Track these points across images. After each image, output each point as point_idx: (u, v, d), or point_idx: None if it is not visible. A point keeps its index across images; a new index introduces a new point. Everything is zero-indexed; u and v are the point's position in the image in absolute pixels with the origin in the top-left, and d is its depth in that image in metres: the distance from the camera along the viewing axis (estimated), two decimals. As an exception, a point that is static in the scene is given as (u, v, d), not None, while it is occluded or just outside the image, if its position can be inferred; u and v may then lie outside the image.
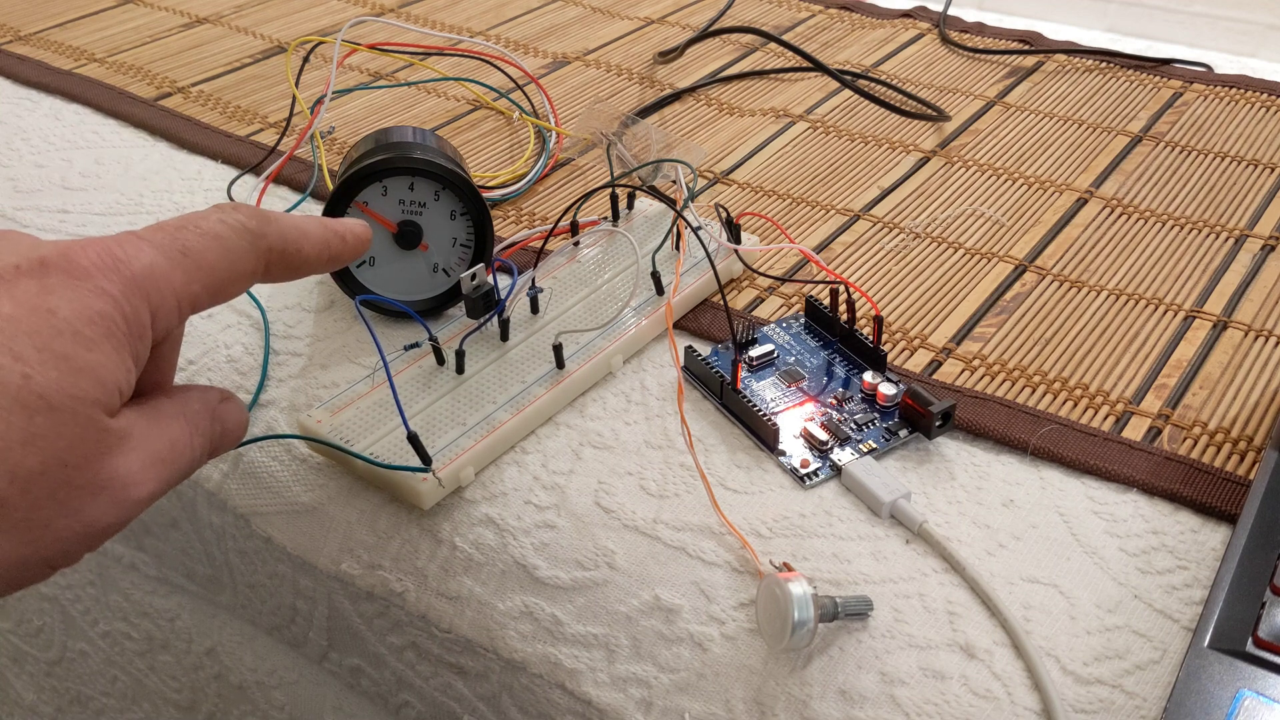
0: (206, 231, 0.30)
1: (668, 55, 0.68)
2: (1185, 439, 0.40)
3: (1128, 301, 0.47)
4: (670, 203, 0.46)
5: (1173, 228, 0.52)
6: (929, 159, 0.57)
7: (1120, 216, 0.53)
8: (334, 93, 0.63)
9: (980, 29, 0.72)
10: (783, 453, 0.39)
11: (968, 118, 0.61)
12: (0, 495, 0.26)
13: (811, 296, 0.45)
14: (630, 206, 0.51)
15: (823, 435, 0.39)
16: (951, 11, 0.73)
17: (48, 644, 0.60)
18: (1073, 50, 0.68)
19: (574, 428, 0.41)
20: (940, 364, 0.44)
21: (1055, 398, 0.42)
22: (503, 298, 0.43)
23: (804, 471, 0.38)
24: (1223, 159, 0.57)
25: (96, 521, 0.27)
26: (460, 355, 0.41)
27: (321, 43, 0.68)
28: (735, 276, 0.49)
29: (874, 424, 0.40)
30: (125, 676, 0.56)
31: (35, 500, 0.26)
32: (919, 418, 0.39)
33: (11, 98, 0.64)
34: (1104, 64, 0.67)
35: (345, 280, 0.45)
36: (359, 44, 0.63)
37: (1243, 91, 0.63)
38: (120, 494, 0.28)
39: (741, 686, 0.33)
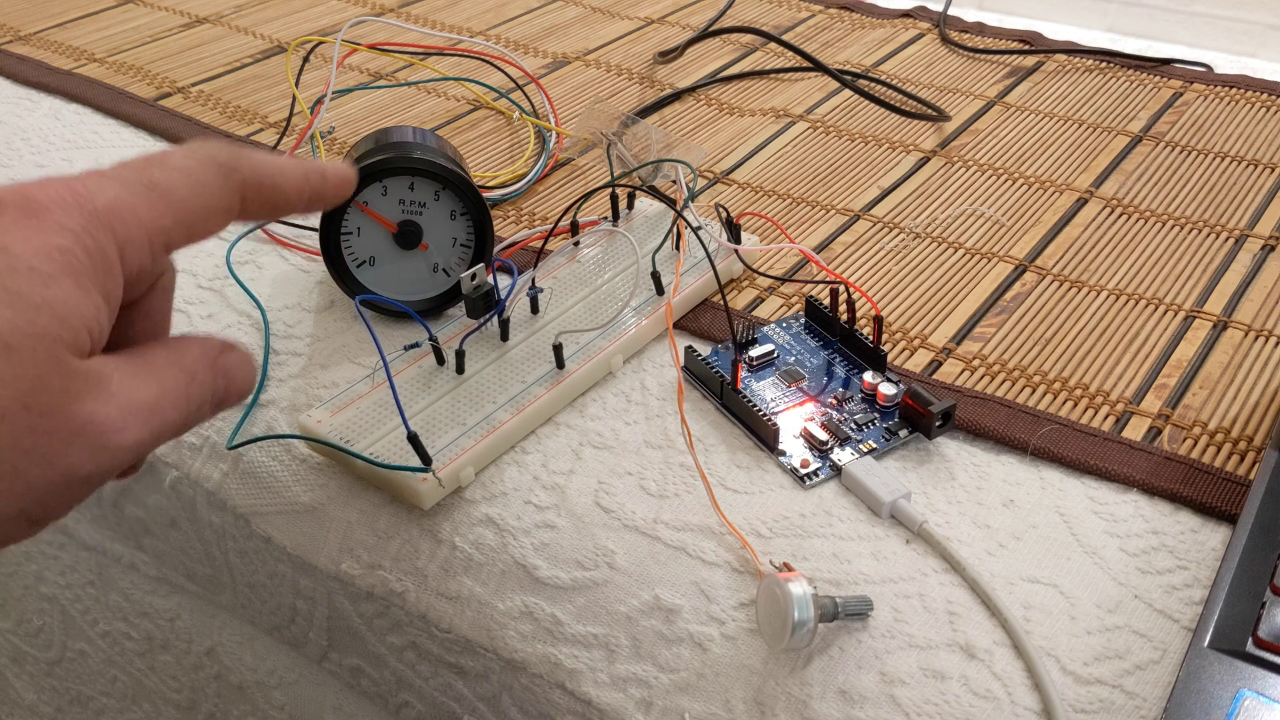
0: (174, 166, 0.29)
1: (668, 55, 0.68)
2: (1185, 439, 0.40)
3: (1128, 301, 0.47)
4: (670, 203, 0.46)
5: (1173, 228, 0.52)
6: (929, 159, 0.57)
7: (1120, 216, 0.53)
8: (334, 93, 0.63)
9: (980, 29, 0.72)
10: (783, 453, 0.39)
11: (968, 118, 0.61)
12: None
13: (811, 296, 0.45)
14: (630, 206, 0.51)
15: (823, 435, 0.39)
16: (951, 11, 0.73)
17: (48, 644, 0.60)
18: (1073, 50, 0.68)
19: (574, 428, 0.41)
20: (940, 364, 0.44)
21: (1055, 398, 0.42)
22: (503, 298, 0.43)
23: (804, 471, 0.38)
24: (1223, 159, 0.57)
25: (74, 469, 0.26)
26: (460, 355, 0.41)
27: (321, 43, 0.68)
28: (735, 276, 0.49)
29: (874, 424, 0.40)
30: (125, 676, 0.56)
31: (4, 444, 0.25)
32: (919, 418, 0.39)
33: (11, 98, 0.64)
34: (1104, 64, 0.67)
35: (345, 280, 0.45)
36: (359, 44, 0.63)
37: (1243, 91, 0.63)
38: (97, 439, 0.26)
39: (741, 686, 0.33)
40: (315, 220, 0.48)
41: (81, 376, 0.26)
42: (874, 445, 0.39)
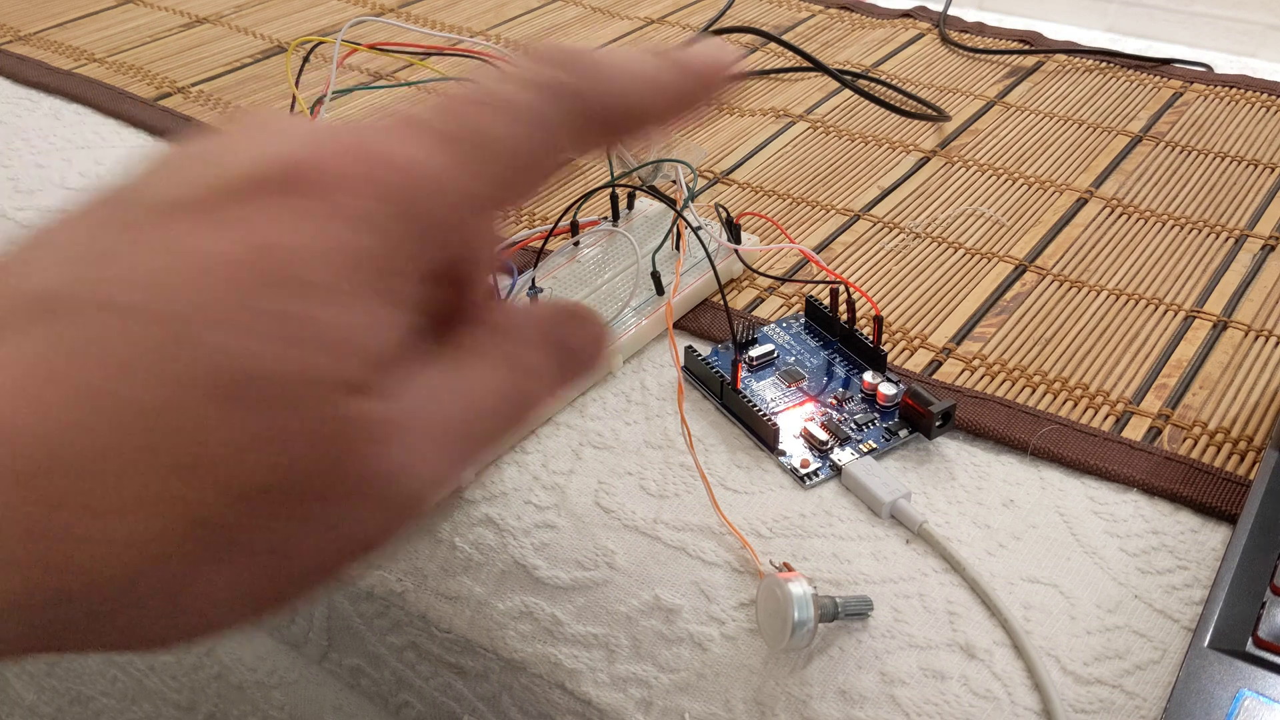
0: (502, 102, 0.21)
1: (668, 55, 0.68)
2: (1185, 439, 0.40)
3: (1128, 301, 0.47)
4: (670, 203, 0.46)
5: (1173, 228, 0.52)
6: (929, 159, 0.57)
7: (1120, 216, 0.53)
8: (334, 93, 0.63)
9: (980, 29, 0.72)
10: (783, 453, 0.39)
11: (968, 118, 0.61)
12: (216, 518, 0.18)
13: (811, 296, 0.45)
14: (630, 206, 0.51)
15: (823, 435, 0.39)
16: (951, 11, 0.73)
17: (48, 644, 0.60)
18: (1073, 50, 0.68)
19: (574, 428, 0.41)
20: (940, 364, 0.44)
21: (1055, 398, 0.42)
22: (503, 298, 0.43)
23: (804, 471, 0.38)
24: (1223, 159, 0.57)
25: (357, 533, 0.20)
26: (460, 355, 0.41)
27: (321, 43, 0.68)
28: (735, 276, 0.49)
29: (874, 424, 0.40)
30: (125, 676, 0.56)
31: (265, 520, 0.19)
32: (919, 418, 0.39)
33: (11, 98, 0.64)
34: (1104, 64, 0.67)
35: (345, 280, 0.45)
36: (359, 44, 0.63)
37: (1243, 91, 0.63)
38: (397, 493, 0.20)
39: (741, 686, 0.33)
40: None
41: (364, 423, 0.19)
42: (874, 445, 0.39)
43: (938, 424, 0.39)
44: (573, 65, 0.22)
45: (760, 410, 0.40)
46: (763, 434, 0.40)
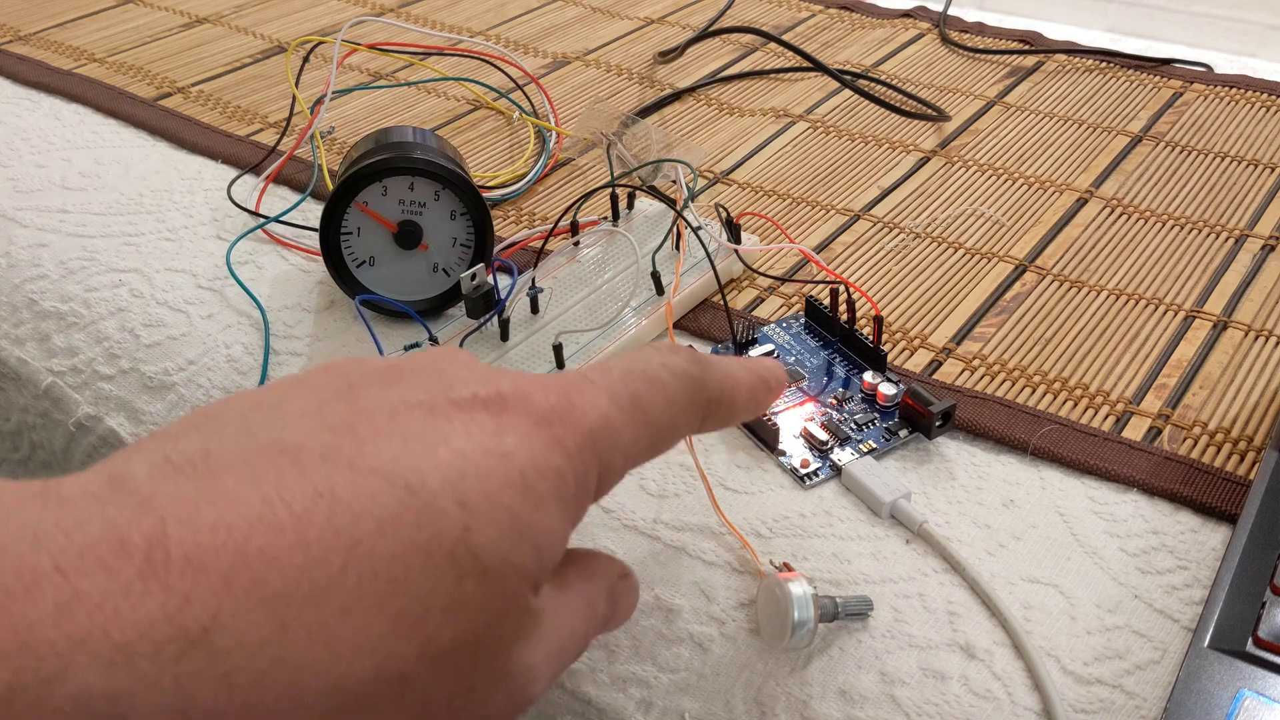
0: (653, 378, 0.27)
1: (668, 55, 0.68)
2: (1185, 439, 0.40)
3: (1128, 301, 0.47)
4: (670, 203, 0.46)
5: (1173, 228, 0.52)
6: (929, 159, 0.57)
7: (1120, 216, 0.53)
8: (334, 93, 0.63)
9: (980, 29, 0.72)
10: (783, 453, 0.39)
11: (968, 118, 0.61)
12: (405, 669, 0.21)
13: (811, 296, 0.45)
14: (630, 206, 0.51)
15: (823, 435, 0.39)
16: (951, 11, 0.73)
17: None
18: (1073, 50, 0.68)
19: (574, 428, 0.41)
20: (940, 364, 0.44)
21: (1055, 398, 0.42)
22: (503, 298, 0.43)
23: (804, 471, 0.38)
24: (1223, 159, 0.57)
25: (486, 713, 0.23)
26: (460, 355, 0.41)
27: (321, 43, 0.68)
28: (735, 276, 0.49)
29: (874, 424, 0.40)
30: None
31: (439, 681, 0.22)
32: (919, 418, 0.39)
33: (11, 98, 0.64)
34: (1104, 64, 0.67)
35: (345, 280, 0.45)
36: (359, 44, 0.63)
37: (1243, 91, 0.63)
38: (519, 689, 0.23)
39: (741, 686, 0.33)
40: (315, 220, 0.48)
41: (531, 616, 0.23)
42: (874, 445, 0.39)
43: (938, 424, 0.39)
44: (703, 365, 0.28)
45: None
46: (763, 434, 0.40)
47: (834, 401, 0.41)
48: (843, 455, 0.39)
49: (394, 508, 0.21)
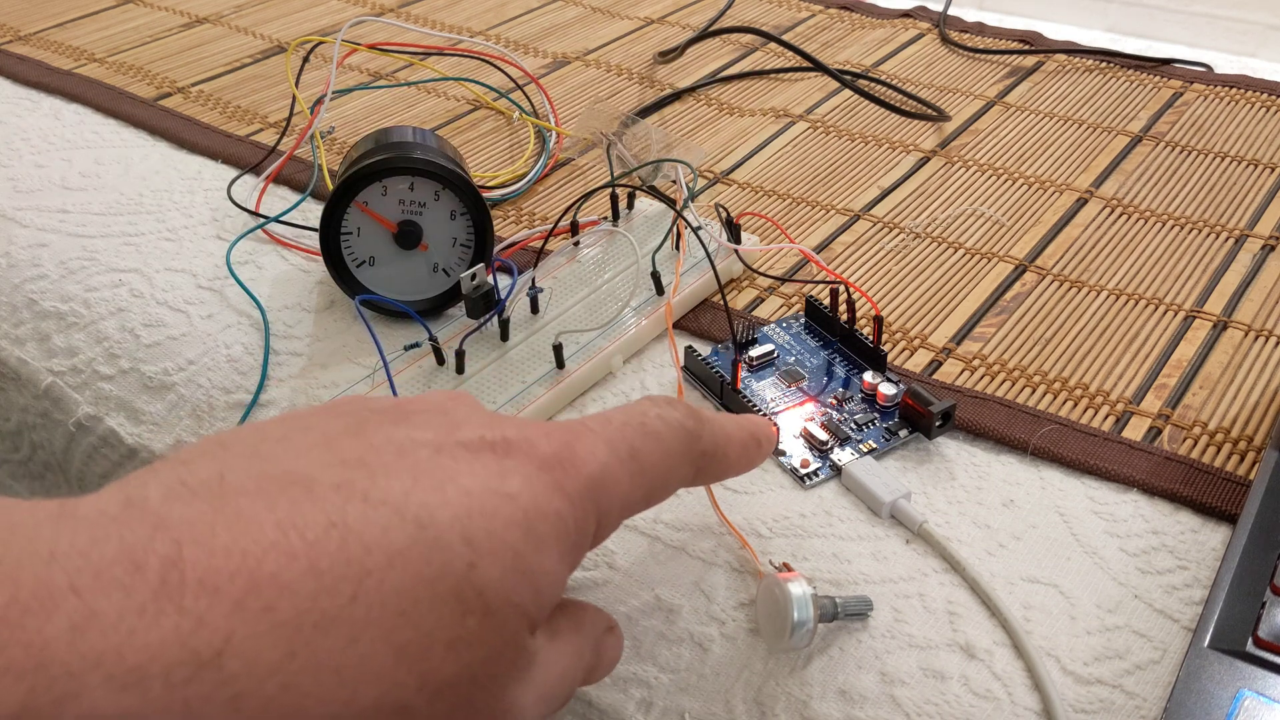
0: (650, 431, 0.27)
1: (668, 55, 0.68)
2: (1185, 439, 0.40)
3: (1128, 301, 0.47)
4: (670, 203, 0.46)
5: (1173, 228, 0.52)
6: (929, 159, 0.57)
7: (1120, 216, 0.53)
8: (334, 93, 0.63)
9: (980, 29, 0.72)
10: (783, 453, 0.39)
11: (968, 118, 0.61)
12: (407, 699, 0.22)
13: (811, 296, 0.45)
14: (630, 206, 0.51)
15: (823, 435, 0.39)
16: (951, 11, 0.73)
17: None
18: (1073, 50, 0.68)
19: (574, 428, 0.41)
20: (940, 364, 0.44)
21: (1055, 398, 0.42)
22: (503, 298, 0.43)
23: (804, 471, 0.38)
24: (1223, 159, 0.57)
25: None
26: (460, 355, 0.41)
27: (321, 43, 0.68)
28: (735, 276, 0.49)
29: (874, 424, 0.40)
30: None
31: (437, 713, 0.22)
32: (919, 418, 0.39)
33: (11, 98, 0.64)
34: (1104, 64, 0.67)
35: (345, 280, 0.45)
36: (359, 44, 0.63)
37: (1243, 91, 0.63)
38: None
39: (741, 686, 0.33)
40: (315, 220, 0.48)
41: (526, 656, 0.24)
42: (874, 445, 0.39)
43: (938, 424, 0.39)
44: (698, 420, 0.29)
45: (760, 410, 0.40)
46: (763, 434, 0.40)
47: (834, 401, 0.41)
48: (843, 455, 0.39)
49: (404, 541, 0.22)
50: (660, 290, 0.45)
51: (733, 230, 0.47)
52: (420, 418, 0.25)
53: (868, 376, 0.41)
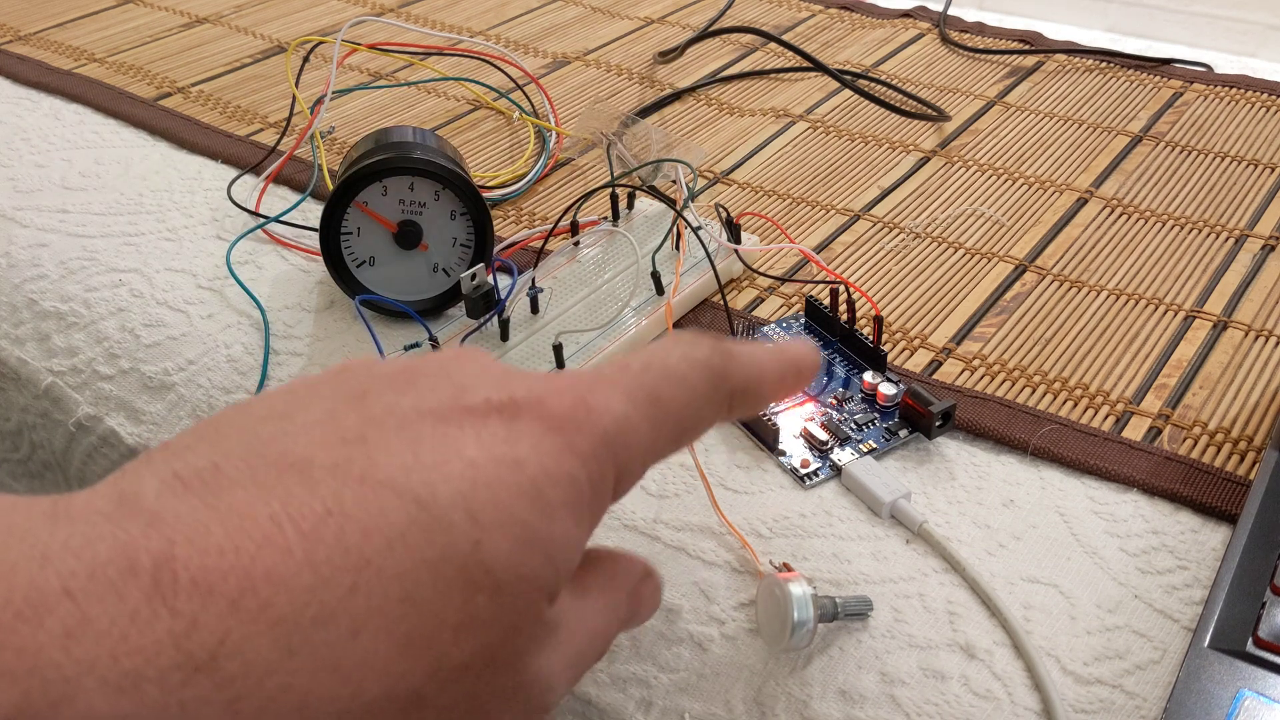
0: (673, 373, 0.26)
1: (668, 55, 0.68)
2: (1185, 439, 0.40)
3: (1128, 301, 0.47)
4: (670, 203, 0.46)
5: (1173, 228, 0.52)
6: (929, 159, 0.57)
7: (1120, 216, 0.53)
8: (334, 93, 0.63)
9: (980, 29, 0.72)
10: (783, 453, 0.39)
11: (968, 118, 0.61)
12: (417, 688, 0.21)
13: (811, 296, 0.45)
14: (630, 206, 0.51)
15: (823, 435, 0.39)
16: (951, 11, 0.73)
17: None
18: (1073, 50, 0.68)
19: (574, 428, 0.41)
20: (940, 364, 0.44)
21: (1055, 398, 0.42)
22: (503, 298, 0.43)
23: (804, 471, 0.38)
24: (1223, 159, 0.57)
25: None
26: (460, 355, 0.41)
27: (321, 43, 0.68)
28: (735, 276, 0.49)
29: (874, 424, 0.40)
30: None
31: (451, 699, 0.22)
32: (919, 418, 0.39)
33: (11, 98, 0.64)
34: (1104, 64, 0.67)
35: (345, 280, 0.45)
36: (359, 44, 0.63)
37: (1243, 91, 0.63)
38: (536, 699, 0.23)
39: (741, 686, 0.33)
40: (315, 220, 0.48)
41: (546, 627, 0.23)
42: (874, 445, 0.39)
43: (938, 424, 0.39)
44: (726, 355, 0.27)
45: (760, 410, 0.40)
46: (763, 434, 0.40)
47: (834, 401, 0.41)
48: (843, 455, 0.39)
49: (403, 523, 0.21)
50: (660, 290, 0.45)
51: (733, 230, 0.47)
52: (425, 382, 0.24)
53: (868, 376, 0.41)
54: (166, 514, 0.20)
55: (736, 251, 0.47)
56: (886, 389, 0.40)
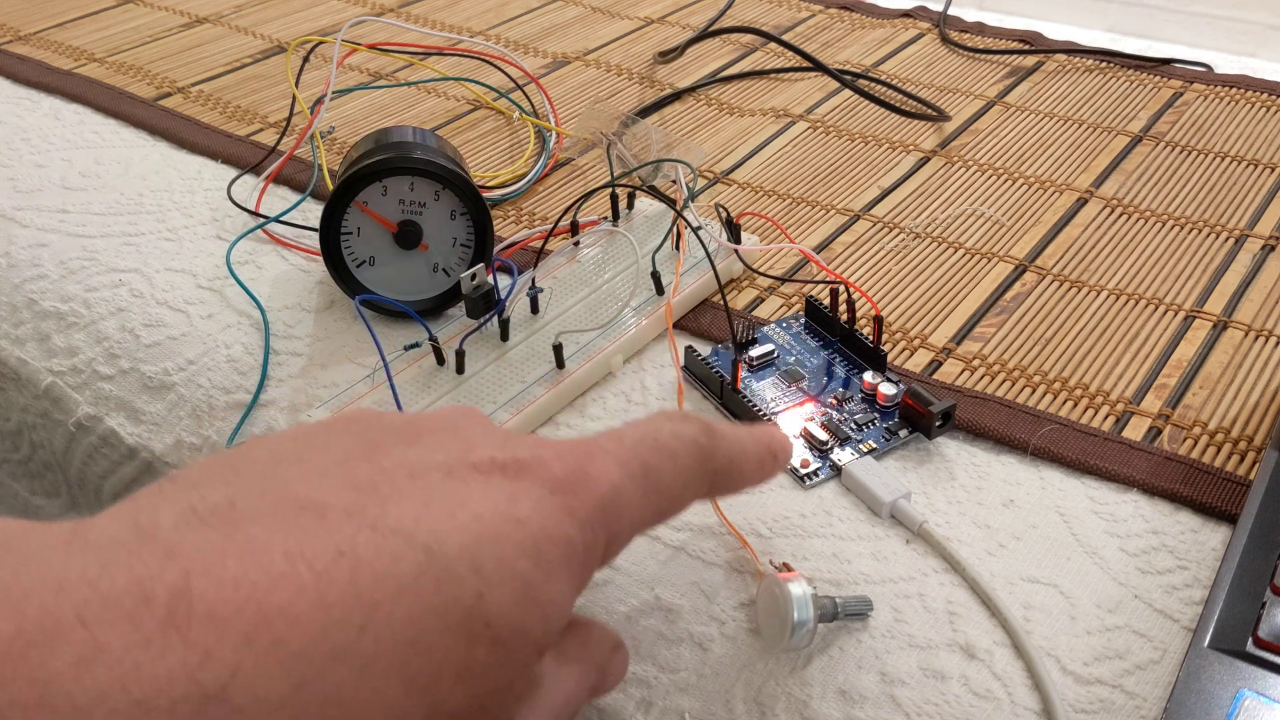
0: (664, 448, 0.27)
1: (668, 55, 0.68)
2: (1185, 439, 0.40)
3: (1128, 301, 0.47)
4: (670, 203, 0.46)
5: (1173, 228, 0.52)
6: (929, 159, 0.57)
7: (1120, 216, 0.53)
8: (334, 93, 0.63)
9: (980, 29, 0.72)
10: (783, 453, 0.39)
11: (968, 118, 0.61)
12: None
13: (811, 296, 0.45)
14: (630, 206, 0.51)
15: (823, 435, 0.39)
16: (951, 11, 0.73)
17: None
18: (1073, 50, 0.68)
19: (574, 428, 0.41)
20: (940, 364, 0.44)
21: (1055, 398, 0.42)
22: (503, 298, 0.43)
23: (804, 471, 0.38)
24: (1223, 159, 0.57)
25: None
26: (460, 355, 0.41)
27: (321, 43, 0.68)
28: (735, 276, 0.49)
29: (874, 424, 0.40)
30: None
31: None
32: (919, 418, 0.39)
33: (11, 98, 0.64)
34: (1104, 64, 0.67)
35: (345, 280, 0.45)
36: (359, 44, 0.63)
37: (1243, 91, 0.63)
38: None
39: (741, 686, 0.33)
40: (315, 220, 0.48)
41: (533, 683, 0.24)
42: (874, 445, 0.39)
43: (938, 424, 0.39)
44: (712, 435, 0.28)
45: (760, 410, 0.40)
46: (763, 434, 0.40)
47: (834, 401, 0.41)
48: (843, 455, 0.39)
49: (413, 570, 0.21)
50: (660, 290, 0.45)
51: (733, 230, 0.47)
52: (433, 438, 0.25)
53: (868, 376, 0.41)
54: (183, 546, 0.20)
55: (736, 251, 0.47)
56: (886, 389, 0.40)
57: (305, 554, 0.21)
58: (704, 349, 0.44)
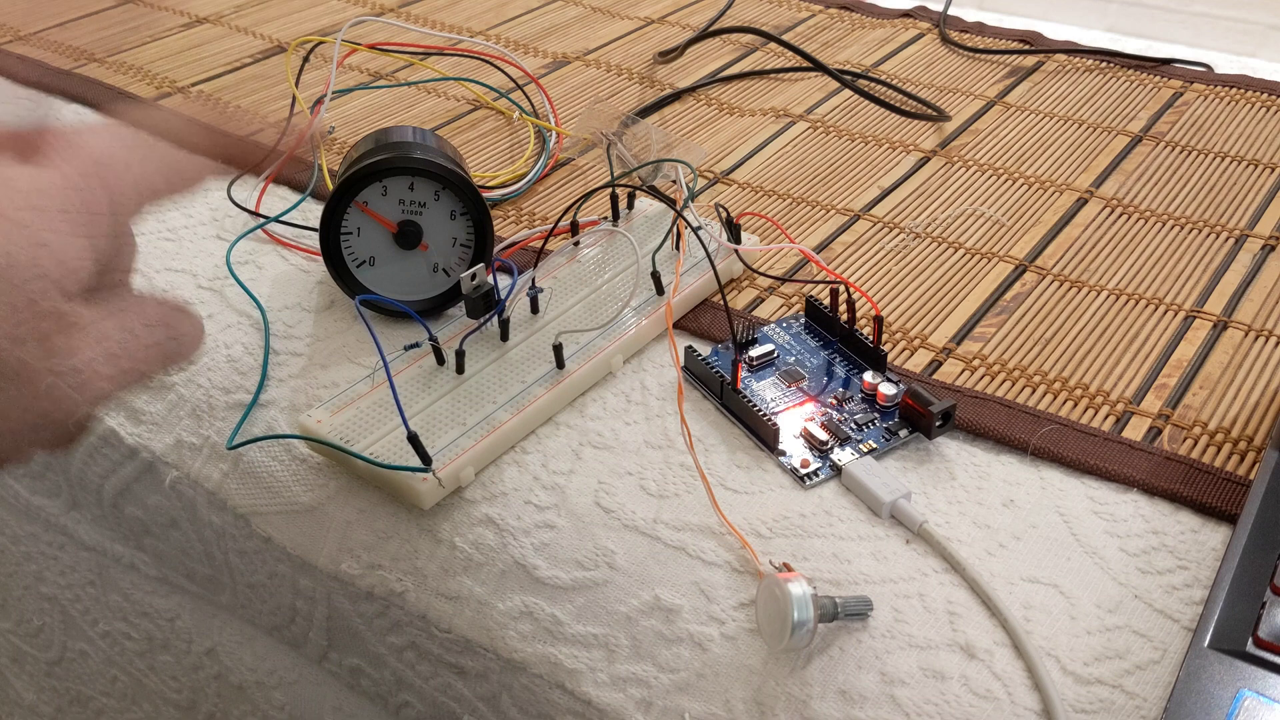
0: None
1: (668, 55, 0.68)
2: (1185, 439, 0.40)
3: (1128, 301, 0.47)
4: (670, 203, 0.46)
5: (1173, 228, 0.52)
6: (929, 159, 0.57)
7: (1120, 216, 0.53)
8: (334, 93, 0.63)
9: (980, 29, 0.72)
10: (783, 453, 0.39)
11: (968, 118, 0.61)
12: None
13: (811, 296, 0.45)
14: (630, 206, 0.51)
15: (823, 435, 0.39)
16: (951, 11, 0.73)
17: (48, 644, 0.60)
18: (1073, 50, 0.68)
19: (574, 428, 0.41)
20: (940, 364, 0.44)
21: (1055, 398, 0.42)
22: (503, 298, 0.43)
23: (804, 471, 0.38)
24: (1223, 159, 0.57)
25: (38, 407, 0.27)
26: (460, 355, 0.41)
27: (321, 43, 0.68)
28: (735, 276, 0.49)
29: (874, 424, 0.40)
30: (125, 676, 0.56)
31: None
32: (919, 418, 0.39)
33: (11, 98, 0.64)
34: (1104, 64, 0.67)
35: (345, 280, 0.45)
36: (359, 44, 0.63)
37: (1243, 91, 0.63)
38: (69, 377, 0.28)
39: (741, 686, 0.33)
40: (315, 220, 0.48)
41: (67, 319, 0.28)
42: (874, 445, 0.39)
43: (938, 424, 0.39)
44: None
45: (760, 410, 0.40)
46: (763, 434, 0.40)
47: (834, 401, 0.41)
48: (843, 455, 0.39)
49: None
50: (660, 290, 0.45)
51: (733, 230, 0.47)
52: None
53: (868, 376, 0.41)
54: None
55: (736, 251, 0.47)
56: (886, 389, 0.40)
57: None
58: (704, 349, 0.44)
